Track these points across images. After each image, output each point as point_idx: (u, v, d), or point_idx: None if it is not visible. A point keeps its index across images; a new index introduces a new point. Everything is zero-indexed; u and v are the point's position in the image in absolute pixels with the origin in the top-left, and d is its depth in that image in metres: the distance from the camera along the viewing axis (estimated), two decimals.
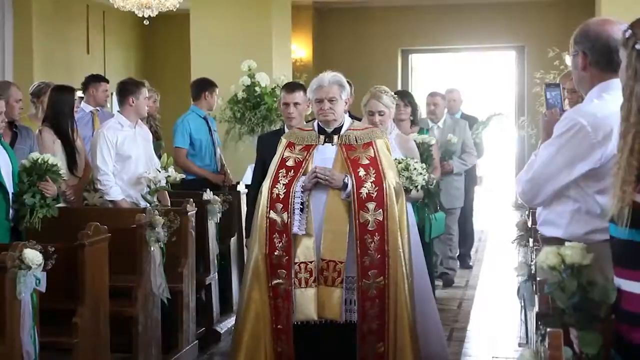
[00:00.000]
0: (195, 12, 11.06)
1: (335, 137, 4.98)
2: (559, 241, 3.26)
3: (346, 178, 4.78)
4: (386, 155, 4.97)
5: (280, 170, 4.90)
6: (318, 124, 5.04)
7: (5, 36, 11.25)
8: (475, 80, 16.08)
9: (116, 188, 6.58)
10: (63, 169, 5.55)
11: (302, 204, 4.78)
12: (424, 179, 5.31)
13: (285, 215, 4.76)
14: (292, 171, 4.87)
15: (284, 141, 5.09)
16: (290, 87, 6.20)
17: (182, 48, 11.96)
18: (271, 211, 4.80)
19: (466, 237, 9.91)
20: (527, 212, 6.11)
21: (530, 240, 5.26)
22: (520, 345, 6.35)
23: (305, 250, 4.77)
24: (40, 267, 4.40)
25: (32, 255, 4.33)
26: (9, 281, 4.28)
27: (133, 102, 6.73)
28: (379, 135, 5.06)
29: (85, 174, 6.78)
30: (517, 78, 14.94)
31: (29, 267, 4.33)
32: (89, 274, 4.99)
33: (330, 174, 4.77)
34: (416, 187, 5.29)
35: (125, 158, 6.64)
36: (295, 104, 6.02)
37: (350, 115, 5.56)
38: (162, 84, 11.18)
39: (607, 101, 3.36)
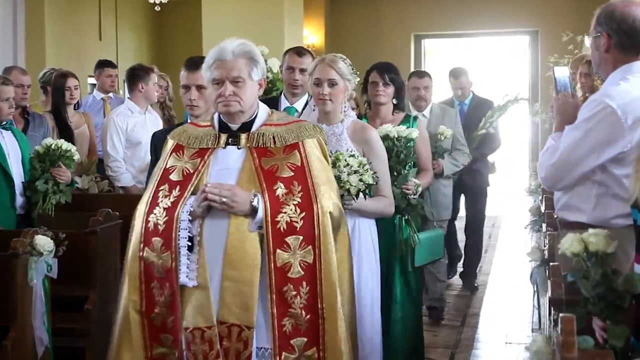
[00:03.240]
0: None
1: (243, 136, 3.42)
2: (582, 226, 3.23)
3: (255, 199, 3.25)
4: (321, 163, 3.43)
5: (161, 188, 3.37)
6: (219, 117, 3.50)
7: (18, 22, 11.24)
8: (489, 65, 16.00)
9: (127, 174, 6.58)
10: (77, 155, 5.54)
11: (190, 239, 3.26)
12: (360, 183, 3.88)
13: (167, 256, 3.25)
14: (178, 189, 3.34)
15: (169, 142, 3.56)
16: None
17: (194, 33, 11.92)
18: (146, 249, 3.30)
19: (473, 250, 8.16)
20: (540, 198, 6.08)
21: (544, 225, 5.23)
22: (533, 330, 6.33)
23: (199, 310, 3.25)
24: (52, 253, 4.41)
25: (44, 242, 4.33)
26: (20, 267, 4.29)
27: (142, 88, 6.73)
28: (310, 133, 3.47)
29: (88, 160, 6.76)
30: (530, 63, 14.87)
31: (41, 254, 4.34)
32: (99, 261, 5.00)
33: (230, 194, 3.22)
34: (348, 191, 3.86)
35: (136, 144, 6.63)
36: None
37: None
38: (174, 70, 11.15)
39: (632, 84, 3.33)
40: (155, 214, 3.31)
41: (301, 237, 3.24)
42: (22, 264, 4.30)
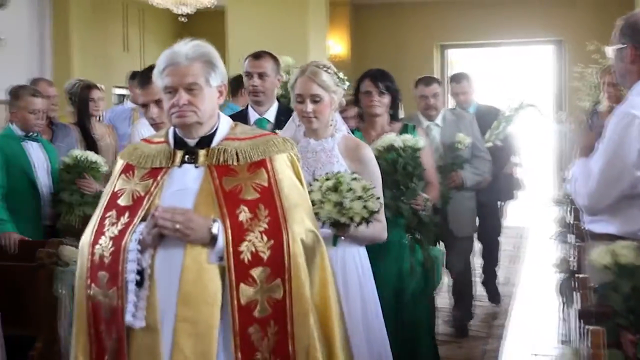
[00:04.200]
0: (232, 8, 11.07)
1: (202, 152, 2.96)
2: (610, 237, 3.20)
3: (215, 226, 2.78)
4: (292, 182, 2.97)
5: (108, 215, 2.90)
6: (174, 131, 3.03)
7: (45, 35, 11.37)
8: (513, 75, 15.94)
9: None
10: (105, 167, 5.56)
11: (139, 272, 2.78)
12: (365, 210, 3.45)
13: (113, 293, 2.79)
14: (127, 215, 2.87)
15: (119, 162, 3.09)
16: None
17: (219, 44, 11.94)
18: (93, 286, 2.84)
19: (491, 261, 7.83)
20: (567, 208, 6.03)
21: (571, 236, 5.19)
22: (560, 343, 6.28)
23: (148, 356, 2.79)
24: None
25: (69, 252, 4.35)
26: (46, 278, 4.31)
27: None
28: (280, 147, 3.01)
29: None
30: (555, 72, 14.79)
31: (67, 264, 4.35)
32: None
33: (184, 219, 2.75)
34: (351, 219, 3.44)
35: None
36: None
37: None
38: None
39: None
40: (101, 245, 2.83)
41: (269, 269, 2.77)
42: (48, 275, 4.32)
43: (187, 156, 2.96)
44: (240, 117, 4.59)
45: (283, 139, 3.06)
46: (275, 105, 4.92)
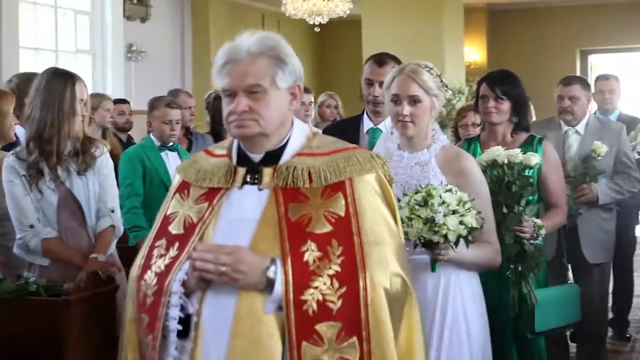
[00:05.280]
0: (367, 17, 11.07)
1: (267, 171, 2.39)
2: None
3: (272, 267, 2.24)
4: (378, 212, 2.36)
5: (158, 244, 2.41)
6: (238, 144, 2.48)
7: (185, 47, 11.69)
8: None
9: None
10: None
11: (182, 320, 2.30)
12: (461, 226, 2.94)
13: (149, 342, 2.32)
14: (177, 246, 2.37)
15: (176, 178, 2.58)
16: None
17: (354, 53, 12.01)
18: (140, 326, 2.38)
19: (623, 292, 6.69)
20: None
21: None
22: None
23: None
24: None
25: None
26: None
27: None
28: (365, 166, 2.40)
29: None
30: None
31: None
32: None
33: (232, 260, 2.22)
34: (445, 238, 2.94)
35: None
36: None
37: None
38: (335, 89, 11.26)
39: None
40: (145, 281, 2.35)
41: (339, 325, 2.19)
42: None
43: (249, 175, 2.39)
44: (352, 123, 4.32)
45: (371, 155, 2.44)
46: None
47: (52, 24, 9.71)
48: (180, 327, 2.28)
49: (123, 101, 7.70)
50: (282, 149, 2.40)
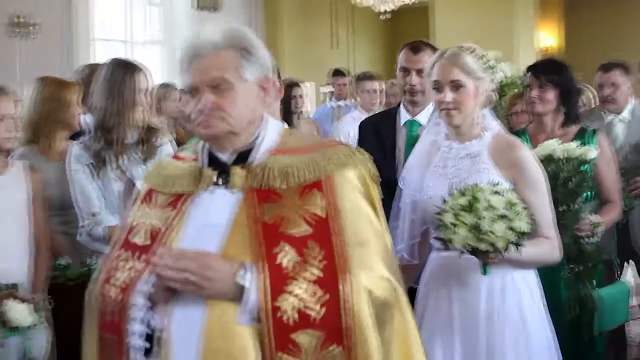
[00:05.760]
0: (436, 3, 10.98)
1: (238, 171, 2.18)
2: None
3: (241, 273, 2.02)
4: (359, 210, 2.16)
5: (121, 254, 2.20)
6: (207, 145, 2.27)
7: (258, 35, 11.74)
8: None
9: None
10: None
11: (147, 336, 2.07)
12: (510, 232, 2.72)
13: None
14: (140, 257, 2.16)
15: (144, 185, 2.37)
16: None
17: (423, 39, 11.92)
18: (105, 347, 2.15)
19: None
20: None
21: None
22: None
23: None
24: None
25: None
26: None
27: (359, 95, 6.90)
28: (345, 161, 2.18)
29: None
30: None
31: None
32: None
33: (198, 266, 2.00)
34: (493, 246, 2.73)
35: None
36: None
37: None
38: None
39: None
40: (110, 297, 2.13)
41: (321, 334, 1.98)
42: None
43: (218, 177, 2.19)
44: (389, 116, 4.03)
45: (352, 150, 2.22)
46: (432, 106, 3.94)
47: (124, 15, 9.86)
48: (147, 345, 2.05)
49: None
50: (253, 147, 2.20)
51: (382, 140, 3.81)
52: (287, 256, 2.02)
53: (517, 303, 3.02)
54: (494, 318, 2.98)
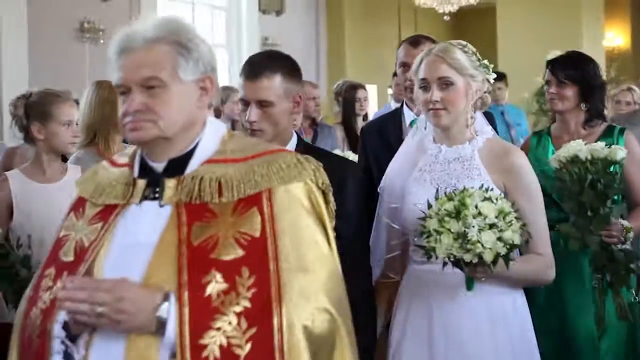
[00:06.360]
0: (501, 4, 10.91)
1: (169, 183, 1.94)
2: None
3: (164, 305, 1.78)
4: (300, 230, 1.89)
5: (47, 272, 1.97)
6: (141, 152, 2.04)
7: (319, 38, 11.82)
8: None
9: None
10: None
11: None
12: (499, 244, 2.42)
13: None
14: (63, 276, 1.93)
15: (75, 193, 2.12)
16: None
17: (488, 43, 11.83)
18: None
19: None
20: None
21: None
22: None
23: None
24: None
25: None
26: None
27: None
28: (289, 172, 1.94)
29: None
30: None
31: None
32: None
33: (113, 299, 1.77)
34: (480, 258, 2.42)
35: None
36: None
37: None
38: None
39: None
40: (31, 318, 1.91)
41: None
42: None
43: (149, 189, 1.95)
44: (392, 117, 3.75)
45: (299, 159, 1.95)
46: None
47: (189, 20, 10.02)
48: None
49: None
50: (189, 155, 1.95)
51: (388, 142, 3.49)
52: (216, 286, 1.77)
53: (507, 331, 2.74)
54: (480, 344, 2.69)
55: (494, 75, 2.87)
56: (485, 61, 2.83)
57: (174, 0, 9.80)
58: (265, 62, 2.73)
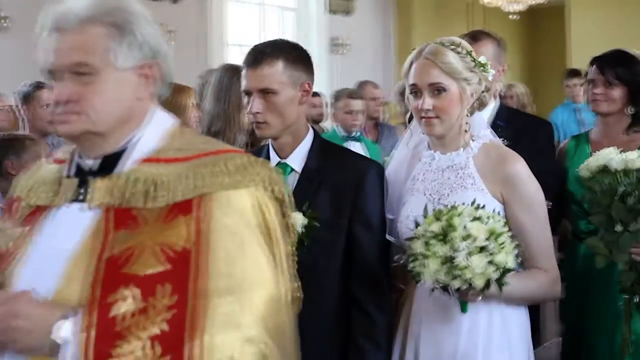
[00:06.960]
0: (572, 3, 10.75)
1: (98, 183, 1.73)
2: None
3: (62, 325, 1.57)
4: (237, 243, 1.63)
5: None
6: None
7: (388, 38, 11.83)
8: None
9: None
10: None
11: None
12: (491, 267, 2.20)
13: None
14: None
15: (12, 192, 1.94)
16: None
17: (559, 42, 11.68)
18: None
19: None
20: None
21: None
22: None
23: None
24: None
25: None
26: None
27: None
28: (234, 178, 1.68)
29: None
30: None
31: None
32: None
33: (6, 313, 1.59)
34: (470, 285, 2.20)
35: None
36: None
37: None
38: (539, 79, 11.03)
39: None
40: None
41: None
42: None
43: (81, 188, 1.74)
44: None
45: (249, 161, 1.72)
46: (493, 104, 3.49)
47: (258, 20, 10.12)
48: None
49: (315, 94, 7.90)
50: (121, 153, 1.74)
51: None
52: (125, 305, 1.54)
53: (508, 349, 2.53)
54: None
55: (493, 72, 2.65)
56: (482, 58, 2.61)
57: (244, 3, 9.89)
58: (267, 49, 2.55)
